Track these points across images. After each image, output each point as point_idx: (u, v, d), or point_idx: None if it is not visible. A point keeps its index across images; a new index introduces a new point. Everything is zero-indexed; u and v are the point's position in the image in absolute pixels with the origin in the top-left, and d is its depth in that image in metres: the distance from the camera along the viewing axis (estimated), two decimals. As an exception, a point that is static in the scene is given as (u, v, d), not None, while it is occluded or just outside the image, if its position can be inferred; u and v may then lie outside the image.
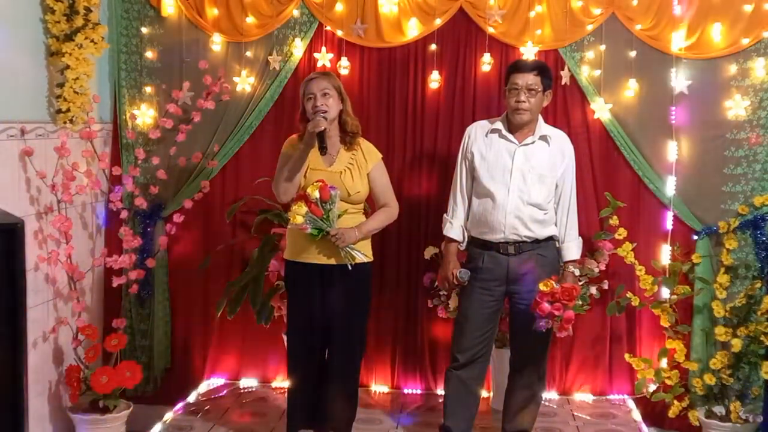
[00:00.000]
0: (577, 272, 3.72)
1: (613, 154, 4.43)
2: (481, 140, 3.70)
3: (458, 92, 4.48)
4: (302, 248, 3.58)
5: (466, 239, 3.78)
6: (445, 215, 3.82)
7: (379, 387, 4.68)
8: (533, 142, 3.63)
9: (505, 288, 3.66)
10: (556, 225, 3.69)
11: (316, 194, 3.42)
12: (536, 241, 3.63)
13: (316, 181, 3.48)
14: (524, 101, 3.54)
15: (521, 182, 3.59)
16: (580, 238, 3.75)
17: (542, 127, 3.67)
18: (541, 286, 3.42)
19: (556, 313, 3.40)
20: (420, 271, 4.52)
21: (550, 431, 4.14)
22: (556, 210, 3.68)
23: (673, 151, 4.33)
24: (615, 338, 4.52)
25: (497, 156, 3.64)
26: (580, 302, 3.42)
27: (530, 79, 3.55)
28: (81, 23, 3.94)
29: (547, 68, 3.67)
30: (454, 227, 3.76)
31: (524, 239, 3.61)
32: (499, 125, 3.68)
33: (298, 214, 3.43)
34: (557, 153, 3.66)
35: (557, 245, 3.71)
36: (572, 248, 3.69)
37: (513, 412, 3.81)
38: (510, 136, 3.64)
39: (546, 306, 3.40)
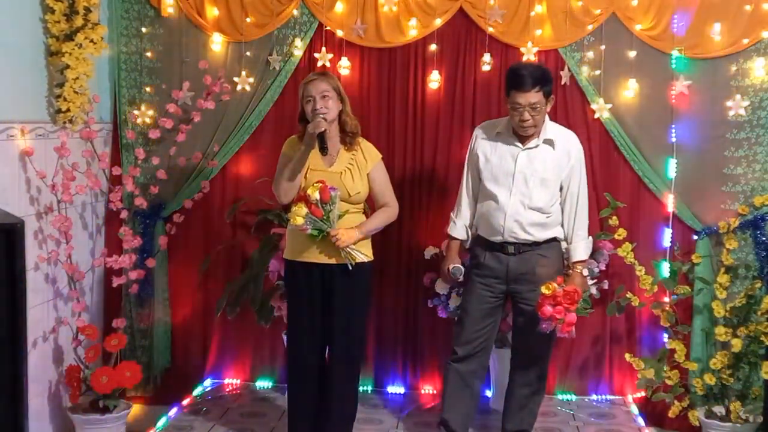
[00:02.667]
0: (585, 272, 3.68)
1: (613, 154, 4.43)
2: (487, 142, 3.69)
3: (458, 92, 4.48)
4: (302, 248, 3.58)
5: (470, 238, 3.80)
6: (451, 213, 3.84)
7: (379, 387, 4.68)
8: (537, 146, 3.61)
9: (506, 287, 3.67)
10: (562, 226, 3.68)
11: (317, 195, 3.42)
12: (536, 243, 3.63)
13: (316, 182, 3.48)
14: (529, 119, 3.50)
15: (523, 186, 3.59)
16: (589, 238, 3.72)
17: (548, 130, 3.62)
18: (543, 290, 3.41)
19: (558, 316, 3.38)
20: (420, 271, 4.52)
21: (550, 431, 4.14)
22: (562, 210, 3.67)
23: (672, 151, 4.33)
24: (615, 338, 4.52)
25: (501, 159, 3.63)
26: (583, 305, 3.40)
27: (532, 97, 3.46)
28: (81, 23, 3.94)
29: (546, 77, 3.52)
30: (457, 227, 3.79)
31: (523, 242, 3.61)
32: (503, 129, 3.67)
33: (299, 215, 3.43)
34: (562, 155, 3.62)
35: (565, 245, 3.70)
36: (579, 249, 3.66)
37: (513, 412, 3.81)
38: (514, 140, 3.63)
39: (548, 309, 3.39)
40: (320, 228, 3.45)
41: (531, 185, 3.58)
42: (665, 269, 4.35)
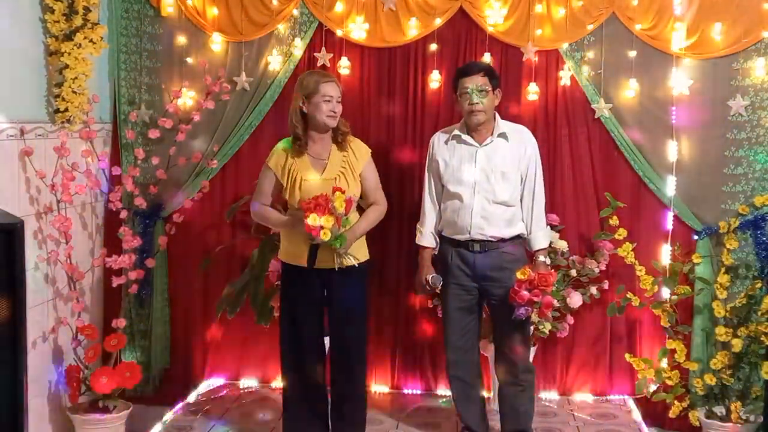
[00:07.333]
0: (548, 261, 3.78)
1: (613, 154, 4.43)
2: (444, 147, 3.79)
3: (458, 92, 4.48)
4: (299, 252, 3.56)
5: (438, 243, 3.86)
6: (417, 224, 3.89)
7: (379, 387, 4.68)
8: (492, 142, 3.71)
9: (477, 284, 3.73)
10: (523, 221, 3.75)
11: (342, 210, 3.38)
12: (502, 240, 3.69)
13: (336, 191, 3.39)
14: (477, 102, 3.63)
15: (485, 182, 3.67)
16: (548, 227, 3.84)
17: (500, 125, 3.74)
18: (519, 275, 3.49)
19: (535, 299, 3.47)
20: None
21: (550, 431, 4.14)
22: (521, 202, 3.74)
23: (673, 151, 4.33)
24: (615, 338, 4.52)
25: (460, 160, 3.72)
26: (556, 287, 3.50)
27: (479, 80, 3.63)
28: (80, 23, 3.93)
29: (493, 69, 3.76)
30: (425, 235, 3.86)
31: (489, 238, 3.68)
32: (458, 131, 3.76)
33: (328, 230, 3.34)
34: (518, 147, 3.73)
35: (525, 236, 3.77)
36: (539, 237, 3.75)
37: (508, 412, 3.84)
38: (470, 140, 3.72)
39: (525, 294, 3.46)
40: (338, 237, 3.43)
41: (493, 180, 3.67)
42: (666, 269, 4.34)
